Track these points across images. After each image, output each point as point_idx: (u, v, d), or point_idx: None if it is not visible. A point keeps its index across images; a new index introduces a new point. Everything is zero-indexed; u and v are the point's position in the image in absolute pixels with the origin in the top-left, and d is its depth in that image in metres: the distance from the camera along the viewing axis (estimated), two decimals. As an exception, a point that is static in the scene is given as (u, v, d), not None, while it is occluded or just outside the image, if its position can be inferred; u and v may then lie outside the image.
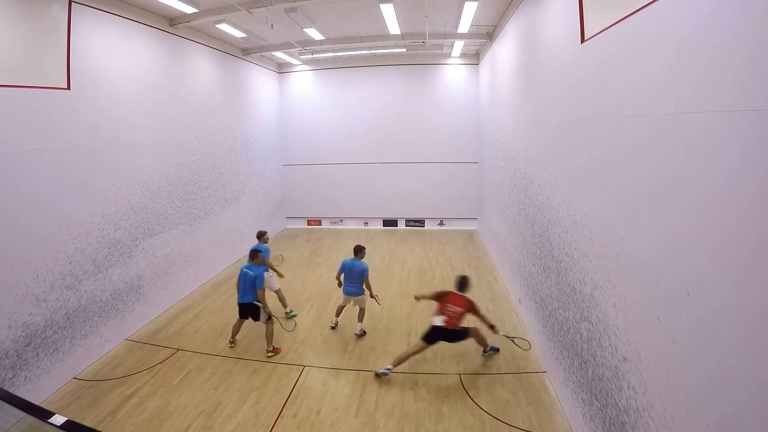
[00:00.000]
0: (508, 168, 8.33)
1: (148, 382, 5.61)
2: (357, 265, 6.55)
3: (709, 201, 2.31)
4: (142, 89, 7.37)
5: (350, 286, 6.60)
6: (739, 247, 2.09)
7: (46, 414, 2.16)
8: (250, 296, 6.13)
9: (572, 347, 4.59)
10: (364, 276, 6.53)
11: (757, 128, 1.97)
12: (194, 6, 7.29)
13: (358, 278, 6.54)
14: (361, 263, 6.58)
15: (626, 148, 3.31)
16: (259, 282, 6.06)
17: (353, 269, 6.54)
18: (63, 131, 5.73)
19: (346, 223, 14.39)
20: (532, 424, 4.69)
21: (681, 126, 2.56)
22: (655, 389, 2.87)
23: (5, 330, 4.89)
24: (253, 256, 6.25)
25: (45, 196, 5.43)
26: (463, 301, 5.60)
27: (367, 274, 6.54)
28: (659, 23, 2.83)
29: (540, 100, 5.96)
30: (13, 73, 5.01)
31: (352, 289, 6.60)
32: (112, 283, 6.64)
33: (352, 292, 6.62)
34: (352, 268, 6.55)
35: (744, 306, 2.06)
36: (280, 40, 10.36)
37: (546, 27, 5.63)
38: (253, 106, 12.09)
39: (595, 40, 3.95)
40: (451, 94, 13.20)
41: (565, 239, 4.84)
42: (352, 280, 6.57)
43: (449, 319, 5.49)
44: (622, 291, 3.38)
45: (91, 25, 6.19)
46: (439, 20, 9.04)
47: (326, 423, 4.78)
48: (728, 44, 2.18)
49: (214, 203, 9.92)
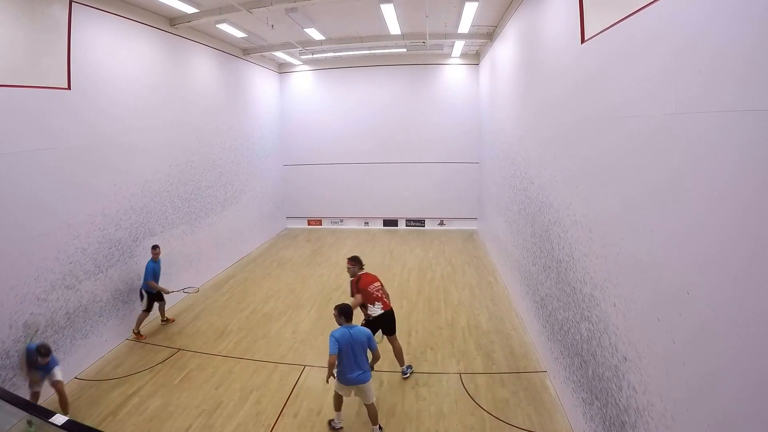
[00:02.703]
0: (508, 168, 8.34)
1: (148, 382, 5.61)
2: (357, 333, 4.33)
3: (709, 201, 2.31)
4: (142, 89, 7.38)
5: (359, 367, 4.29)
6: (738, 247, 2.09)
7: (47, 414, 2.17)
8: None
9: (572, 347, 4.59)
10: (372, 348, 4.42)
11: (757, 128, 1.97)
12: (195, 6, 7.30)
13: (364, 352, 4.36)
14: (360, 328, 4.45)
15: (626, 148, 3.31)
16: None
17: (354, 342, 4.26)
18: (63, 131, 5.74)
19: (346, 223, 14.39)
20: (532, 423, 4.69)
21: (681, 126, 2.56)
22: (655, 389, 2.87)
23: (6, 330, 4.90)
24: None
25: (45, 196, 5.43)
26: (373, 275, 5.58)
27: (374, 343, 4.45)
28: (659, 23, 2.83)
29: (540, 100, 5.96)
30: (13, 73, 5.02)
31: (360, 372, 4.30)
32: (113, 283, 6.65)
33: (362, 378, 4.31)
34: (352, 341, 4.25)
35: (744, 306, 2.06)
36: (281, 40, 10.36)
37: (546, 27, 5.63)
38: (253, 106, 12.09)
39: (595, 40, 3.95)
40: (451, 95, 13.20)
41: (565, 239, 4.84)
42: (358, 356, 4.29)
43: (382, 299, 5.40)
44: (622, 291, 3.38)
45: (91, 25, 6.20)
46: (440, 20, 9.04)
47: (327, 423, 4.78)
48: (728, 44, 2.18)
49: (215, 203, 9.92)
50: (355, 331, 4.32)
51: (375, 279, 5.53)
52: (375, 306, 5.32)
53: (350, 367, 4.27)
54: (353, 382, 4.31)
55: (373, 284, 5.44)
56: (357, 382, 4.31)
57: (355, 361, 4.28)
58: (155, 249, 7.04)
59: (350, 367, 4.27)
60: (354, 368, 4.27)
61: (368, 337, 4.37)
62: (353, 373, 4.27)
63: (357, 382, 4.31)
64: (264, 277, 9.76)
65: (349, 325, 4.37)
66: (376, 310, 5.32)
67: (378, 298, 5.35)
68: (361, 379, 4.31)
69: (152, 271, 6.90)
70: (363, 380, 4.32)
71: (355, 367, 4.28)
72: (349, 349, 4.24)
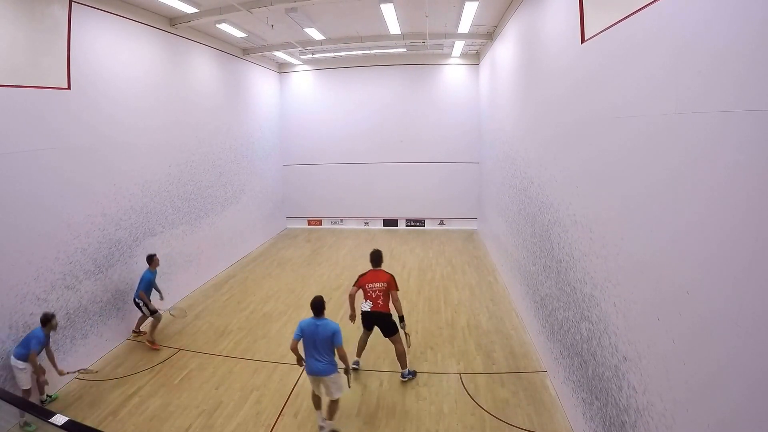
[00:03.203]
0: (508, 168, 8.34)
1: (149, 382, 5.61)
2: (323, 327, 4.41)
3: (709, 201, 2.31)
4: (142, 89, 7.38)
5: (317, 359, 4.41)
6: (739, 247, 2.09)
7: (47, 414, 2.17)
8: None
9: (572, 347, 4.59)
10: (336, 343, 4.42)
11: (757, 128, 1.97)
12: (195, 6, 7.29)
13: (328, 347, 4.42)
14: (329, 323, 4.47)
15: (626, 148, 3.31)
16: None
17: (317, 334, 4.38)
18: (63, 131, 5.74)
19: (346, 222, 14.39)
20: (532, 423, 4.69)
21: (681, 126, 2.56)
22: (655, 388, 2.87)
23: (6, 330, 4.90)
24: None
25: (45, 196, 5.44)
26: (384, 275, 5.60)
27: (339, 339, 4.43)
28: (659, 23, 2.83)
29: (540, 100, 5.96)
30: (13, 73, 5.02)
31: (320, 364, 4.41)
32: (113, 283, 6.64)
33: (319, 369, 4.41)
34: (315, 333, 4.38)
35: (744, 306, 2.06)
36: (281, 40, 10.36)
37: (546, 27, 5.63)
38: (253, 105, 12.09)
39: (595, 40, 3.95)
40: (451, 94, 13.20)
41: (565, 239, 4.84)
42: (319, 349, 4.39)
43: (375, 300, 5.49)
44: (622, 291, 3.39)
45: (91, 25, 6.20)
46: (440, 20, 9.04)
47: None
48: (728, 44, 2.18)
49: (215, 203, 9.92)
50: (321, 324, 4.42)
51: (378, 279, 5.58)
52: (365, 303, 5.55)
53: (312, 356, 4.43)
54: (314, 373, 4.45)
55: (372, 284, 5.54)
56: (317, 373, 4.43)
57: (317, 352, 4.39)
58: (153, 258, 6.72)
59: (311, 357, 4.43)
60: (314, 359, 4.41)
61: (334, 333, 4.40)
62: (314, 364, 4.41)
63: (317, 373, 4.43)
64: (264, 277, 9.76)
65: (318, 318, 4.46)
66: (365, 307, 5.55)
67: (369, 297, 5.54)
68: (321, 371, 4.40)
69: (148, 282, 6.56)
70: (323, 372, 4.41)
71: (316, 358, 4.40)
72: (312, 341, 4.38)
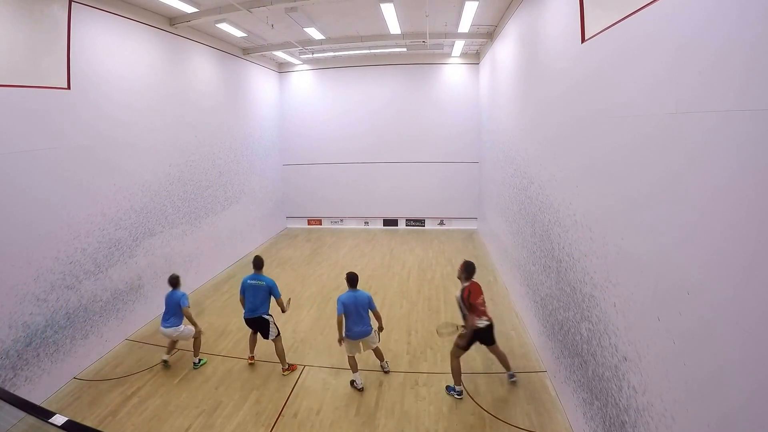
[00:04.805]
0: (508, 168, 8.33)
1: (148, 382, 5.61)
2: (360, 295, 5.33)
3: (709, 201, 2.31)
4: (142, 89, 7.37)
5: (360, 324, 5.27)
6: (739, 247, 2.09)
7: (46, 414, 2.16)
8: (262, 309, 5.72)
9: (572, 347, 4.59)
10: (372, 307, 5.38)
11: (757, 128, 1.97)
12: (194, 5, 7.29)
13: (365, 311, 5.31)
14: (363, 292, 5.40)
15: (626, 148, 3.31)
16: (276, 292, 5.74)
17: (358, 302, 5.25)
18: (63, 131, 5.74)
19: (346, 222, 14.38)
20: (532, 423, 4.69)
21: (681, 126, 2.56)
22: (655, 389, 2.87)
23: (6, 330, 4.90)
24: (258, 265, 5.96)
25: (45, 195, 5.44)
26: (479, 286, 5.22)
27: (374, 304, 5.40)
28: (660, 23, 2.83)
29: (540, 99, 5.96)
30: (13, 73, 5.02)
31: (364, 327, 5.29)
32: (113, 283, 6.65)
33: (365, 330, 5.30)
34: (357, 302, 5.25)
35: (744, 306, 2.06)
36: (281, 39, 10.35)
37: (546, 27, 5.62)
38: (253, 105, 12.09)
39: (595, 40, 3.95)
40: (451, 94, 13.20)
41: (565, 239, 4.84)
42: (361, 314, 5.27)
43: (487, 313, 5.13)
44: (622, 291, 3.38)
45: (91, 24, 6.19)
46: (440, 20, 9.04)
47: (326, 422, 4.78)
48: (728, 44, 2.18)
49: (215, 203, 9.92)
50: (358, 293, 5.30)
51: (481, 290, 5.18)
52: (481, 319, 5.07)
53: (355, 323, 5.23)
54: (359, 336, 5.28)
55: (480, 297, 5.14)
56: (362, 334, 5.29)
57: (359, 318, 5.24)
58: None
59: (355, 323, 5.23)
60: (358, 323, 5.24)
61: (369, 299, 5.34)
62: (358, 326, 5.24)
63: (362, 334, 5.29)
64: (264, 276, 9.74)
65: (353, 289, 5.31)
66: (483, 323, 5.07)
67: (483, 312, 5.10)
68: (366, 332, 5.31)
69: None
70: (367, 333, 5.32)
71: (359, 322, 5.25)
72: (354, 309, 5.21)
